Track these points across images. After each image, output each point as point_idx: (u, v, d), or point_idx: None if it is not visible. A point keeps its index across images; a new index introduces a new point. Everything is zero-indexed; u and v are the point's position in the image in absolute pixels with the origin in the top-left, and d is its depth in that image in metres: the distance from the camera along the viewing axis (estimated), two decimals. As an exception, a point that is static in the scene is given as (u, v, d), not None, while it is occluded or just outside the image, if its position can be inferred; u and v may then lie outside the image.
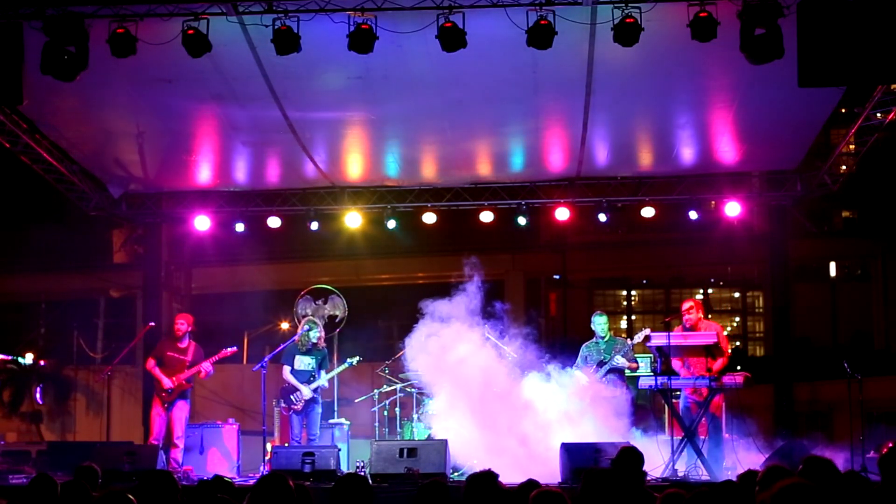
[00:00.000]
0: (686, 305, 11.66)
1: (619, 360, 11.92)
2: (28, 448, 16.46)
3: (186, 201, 15.36)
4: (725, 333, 11.94)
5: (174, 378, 12.21)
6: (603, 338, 12.14)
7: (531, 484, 5.55)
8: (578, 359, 12.18)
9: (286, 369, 12.34)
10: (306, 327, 12.38)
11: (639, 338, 11.77)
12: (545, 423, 11.67)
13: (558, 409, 11.76)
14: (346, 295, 14.31)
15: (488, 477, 5.20)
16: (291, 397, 12.22)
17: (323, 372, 12.41)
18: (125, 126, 12.95)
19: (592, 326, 12.26)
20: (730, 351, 11.62)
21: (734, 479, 6.21)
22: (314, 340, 12.31)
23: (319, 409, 12.39)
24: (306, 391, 12.16)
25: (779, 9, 9.07)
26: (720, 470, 10.80)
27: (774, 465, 5.63)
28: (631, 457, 6.47)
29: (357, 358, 12.69)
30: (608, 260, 22.26)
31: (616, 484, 4.79)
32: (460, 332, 11.92)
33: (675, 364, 11.57)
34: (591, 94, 11.70)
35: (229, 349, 12.61)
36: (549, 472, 10.27)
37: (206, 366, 12.38)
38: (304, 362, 12.33)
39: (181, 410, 12.30)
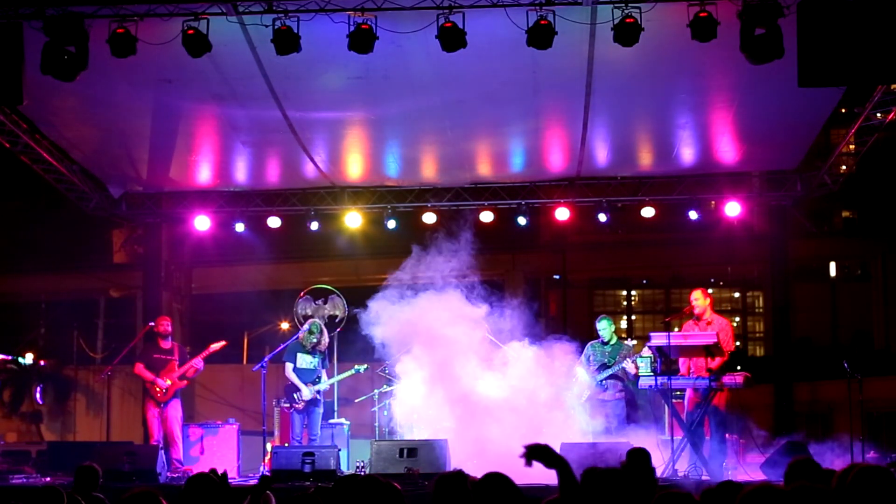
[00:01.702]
0: (693, 295, 11.65)
1: (629, 365, 11.88)
2: (28, 448, 16.47)
3: (186, 201, 15.36)
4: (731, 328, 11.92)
5: (167, 377, 12.26)
6: (608, 342, 12.13)
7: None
8: (582, 356, 12.18)
9: (288, 367, 12.34)
10: (308, 327, 12.37)
11: (644, 352, 11.79)
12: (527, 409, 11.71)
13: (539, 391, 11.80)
14: (346, 295, 14.30)
15: (458, 477, 5.14)
16: (294, 395, 12.22)
17: (324, 373, 12.42)
18: (125, 126, 12.96)
19: (598, 331, 12.24)
20: (734, 347, 11.61)
21: (733, 479, 6.22)
22: (313, 342, 12.31)
23: (321, 410, 12.40)
24: (307, 392, 12.16)
25: (779, 9, 9.07)
26: (720, 470, 10.80)
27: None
28: (640, 458, 6.45)
29: (364, 366, 12.68)
30: (608, 260, 22.23)
31: (619, 483, 4.76)
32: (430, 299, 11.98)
33: (682, 362, 11.58)
34: (591, 94, 11.70)
35: (216, 344, 12.63)
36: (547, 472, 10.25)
37: (198, 362, 12.44)
38: (307, 361, 12.33)
39: (175, 410, 12.37)
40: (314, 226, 14.99)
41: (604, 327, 12.17)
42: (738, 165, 14.44)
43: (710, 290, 12.39)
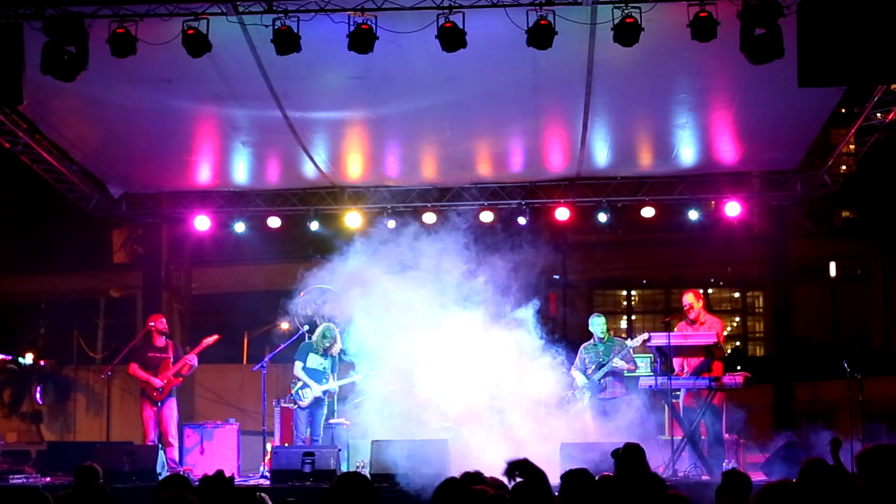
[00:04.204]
0: (687, 299, 11.66)
1: (618, 363, 11.88)
2: (28, 448, 16.47)
3: (186, 201, 15.37)
4: (725, 333, 11.95)
5: (161, 376, 12.25)
6: (601, 339, 12.12)
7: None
8: (577, 360, 12.17)
9: (297, 365, 12.31)
10: (321, 331, 12.34)
11: (637, 342, 11.80)
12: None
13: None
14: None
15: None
16: (300, 392, 12.21)
17: (333, 376, 12.42)
18: (125, 126, 12.95)
19: (590, 328, 12.23)
20: (727, 352, 11.65)
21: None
22: (326, 345, 12.31)
23: (325, 411, 12.39)
24: (317, 389, 12.16)
25: (779, 9, 9.07)
26: (720, 470, 10.78)
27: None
28: (634, 453, 6.46)
29: (373, 371, 12.66)
30: (608, 260, 22.24)
31: (596, 486, 4.79)
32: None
33: (676, 361, 11.57)
34: (591, 94, 11.70)
35: (209, 339, 12.61)
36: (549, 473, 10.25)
37: (192, 358, 12.42)
38: (317, 362, 12.32)
39: (170, 409, 12.33)
40: (314, 226, 14.99)
41: (598, 323, 12.14)
42: (738, 165, 14.44)
43: (710, 290, 12.40)
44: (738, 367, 13.35)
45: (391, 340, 12.09)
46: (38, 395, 19.76)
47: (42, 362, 20.27)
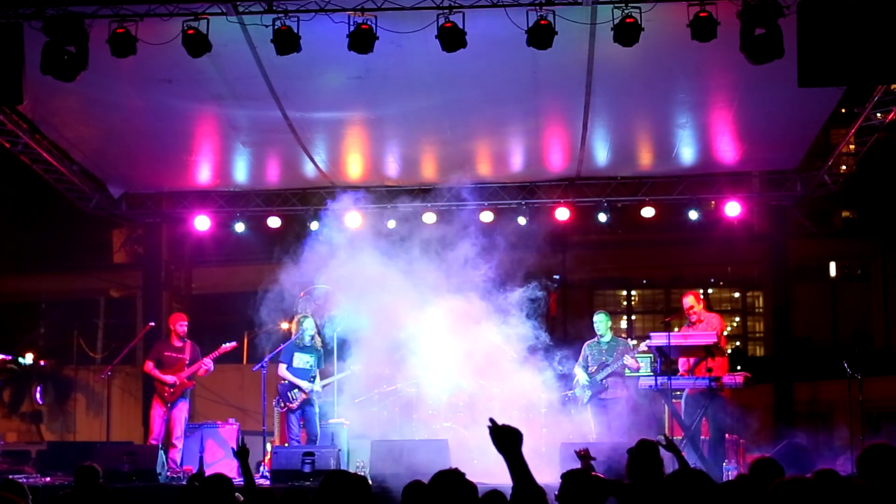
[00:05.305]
0: (688, 301, 11.67)
1: (629, 360, 11.86)
2: (28, 448, 16.47)
3: (186, 201, 15.37)
4: (725, 333, 11.95)
5: (176, 377, 12.26)
6: (603, 336, 12.12)
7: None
8: (580, 358, 12.17)
9: (282, 367, 12.32)
10: (301, 323, 12.35)
11: (642, 347, 11.80)
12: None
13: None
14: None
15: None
16: (288, 394, 12.21)
17: (318, 373, 12.40)
18: (125, 126, 12.96)
19: (594, 325, 12.24)
20: (728, 351, 11.67)
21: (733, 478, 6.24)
22: (310, 336, 12.29)
23: (316, 409, 12.37)
24: (307, 385, 12.15)
25: (779, 9, 9.07)
26: (720, 470, 10.80)
27: (762, 459, 5.67)
28: (649, 450, 6.46)
29: (359, 367, 12.64)
30: (608, 260, 22.22)
31: (594, 485, 4.78)
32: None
33: (681, 362, 11.59)
34: (591, 94, 11.71)
35: (228, 344, 12.64)
36: (549, 472, 10.25)
37: (207, 362, 12.43)
38: (302, 360, 12.31)
39: (181, 411, 12.35)
40: (314, 226, 14.97)
41: (600, 321, 12.13)
42: (738, 165, 14.45)
43: (710, 290, 12.42)
44: (738, 367, 13.35)
45: (390, 340, 12.09)
46: (38, 395, 19.76)
47: (42, 362, 20.27)
